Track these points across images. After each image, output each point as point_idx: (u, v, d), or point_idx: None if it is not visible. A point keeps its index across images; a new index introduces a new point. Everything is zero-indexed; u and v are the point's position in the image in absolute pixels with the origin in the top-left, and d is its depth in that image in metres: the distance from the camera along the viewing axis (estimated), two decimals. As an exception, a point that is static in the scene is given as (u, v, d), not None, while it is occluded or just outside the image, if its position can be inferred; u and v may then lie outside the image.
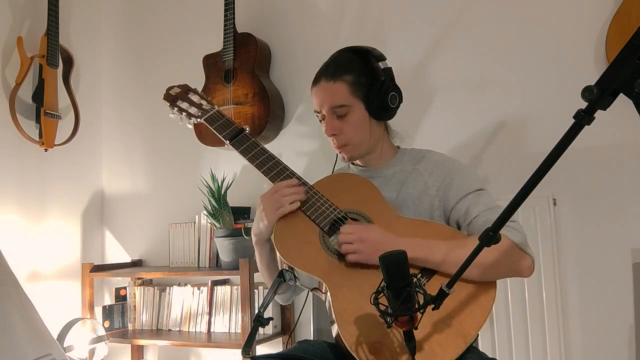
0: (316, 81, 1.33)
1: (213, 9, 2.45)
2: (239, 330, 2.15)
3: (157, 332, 2.37)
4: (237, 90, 2.26)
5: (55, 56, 2.37)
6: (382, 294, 0.91)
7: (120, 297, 2.51)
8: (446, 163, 1.32)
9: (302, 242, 1.20)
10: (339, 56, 1.35)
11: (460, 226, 1.24)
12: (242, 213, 2.27)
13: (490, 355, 1.15)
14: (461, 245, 1.11)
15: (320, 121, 1.36)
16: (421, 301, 0.91)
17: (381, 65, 1.31)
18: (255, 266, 1.47)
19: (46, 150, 2.36)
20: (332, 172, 1.46)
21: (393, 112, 1.34)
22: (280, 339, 2.21)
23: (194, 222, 2.38)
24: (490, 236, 0.88)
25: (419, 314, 0.91)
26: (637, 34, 0.72)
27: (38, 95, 2.34)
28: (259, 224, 1.29)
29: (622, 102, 0.82)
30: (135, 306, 2.46)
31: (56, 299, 2.41)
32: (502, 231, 1.10)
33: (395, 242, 1.14)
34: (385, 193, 1.27)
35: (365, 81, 1.30)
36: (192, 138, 2.34)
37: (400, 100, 1.34)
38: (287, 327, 2.22)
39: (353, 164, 1.44)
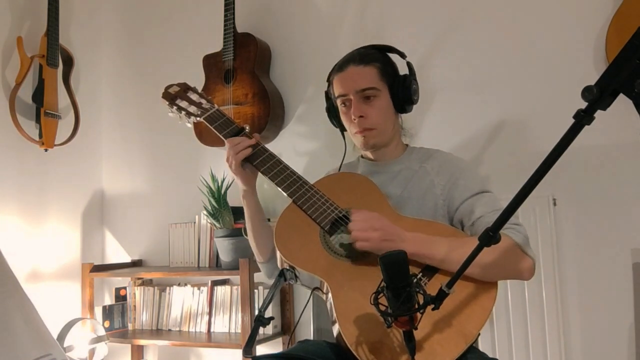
0: (342, 67, 1.36)
1: (213, 9, 2.45)
2: (239, 330, 2.15)
3: (157, 332, 2.37)
4: (237, 90, 2.26)
5: (55, 56, 2.37)
6: (382, 294, 0.91)
7: (120, 297, 2.50)
8: (453, 163, 1.33)
9: (303, 241, 1.20)
10: (362, 49, 1.40)
11: (464, 226, 1.24)
12: (242, 213, 2.25)
13: (490, 355, 1.15)
14: (464, 243, 1.11)
15: (342, 105, 1.37)
16: (421, 301, 0.91)
17: (405, 60, 1.38)
18: (255, 266, 1.47)
19: (46, 150, 2.36)
20: (340, 166, 1.48)
21: (412, 106, 1.38)
22: (280, 339, 2.21)
23: (194, 222, 2.38)
24: (490, 236, 0.88)
25: (418, 314, 0.91)
26: (637, 34, 0.72)
27: (38, 95, 2.34)
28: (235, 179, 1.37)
29: (622, 102, 0.82)
30: (135, 306, 2.46)
31: (56, 299, 2.41)
32: (505, 232, 1.11)
33: (402, 235, 1.14)
34: (390, 189, 1.28)
35: (390, 71, 1.36)
36: (192, 138, 2.34)
37: (418, 97, 1.39)
38: (287, 327, 2.22)
39: (362, 157, 1.45)
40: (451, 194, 1.27)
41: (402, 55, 1.40)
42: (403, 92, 1.34)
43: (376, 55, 1.37)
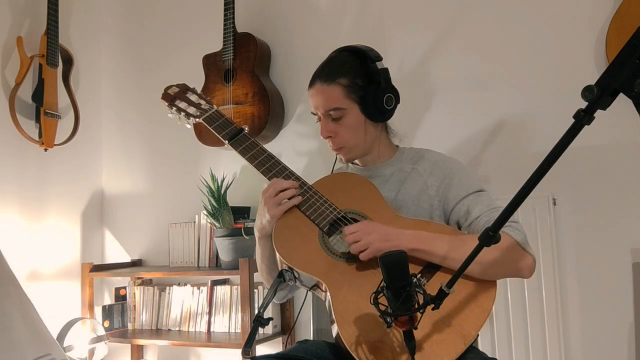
0: (312, 83, 1.33)
1: (213, 9, 2.45)
2: (239, 330, 2.15)
3: (157, 332, 2.37)
4: (237, 90, 2.26)
5: (55, 56, 2.37)
6: (382, 294, 0.91)
7: (120, 297, 2.51)
8: (446, 163, 1.32)
9: (302, 242, 1.20)
10: (335, 57, 1.34)
11: (461, 227, 1.24)
12: (242, 213, 2.27)
13: (490, 355, 1.15)
14: (465, 241, 1.11)
15: (318, 122, 1.36)
16: (421, 301, 0.91)
17: (378, 66, 1.29)
18: (255, 266, 1.47)
19: (46, 150, 2.36)
20: (332, 172, 1.46)
21: (390, 113, 1.33)
22: (280, 339, 2.21)
23: (194, 222, 2.38)
24: (490, 236, 0.88)
25: (419, 314, 0.91)
26: (637, 34, 0.72)
27: (38, 95, 2.34)
28: (262, 220, 1.28)
29: (622, 102, 0.82)
30: (135, 306, 2.46)
31: (56, 299, 2.41)
32: (504, 230, 1.10)
33: (399, 233, 1.14)
34: (385, 193, 1.27)
35: (361, 83, 1.29)
36: (192, 138, 2.34)
37: (397, 102, 1.33)
38: (287, 327, 2.22)
39: (352, 163, 1.44)
40: (446, 195, 1.26)
41: (375, 60, 1.28)
42: (374, 104, 1.28)
43: (345, 68, 1.29)
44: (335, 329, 1.12)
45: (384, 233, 1.13)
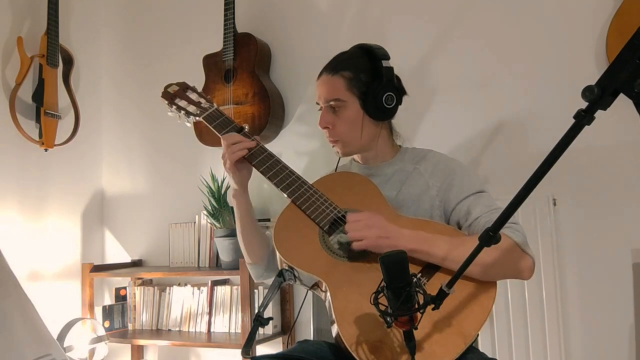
0: (320, 74, 1.36)
1: (213, 9, 2.45)
2: (239, 330, 2.15)
3: (157, 332, 2.37)
4: (237, 90, 2.26)
5: (55, 56, 2.37)
6: (382, 294, 0.91)
7: (120, 297, 2.51)
8: (447, 164, 1.32)
9: (302, 241, 1.20)
10: (345, 52, 1.38)
11: (461, 227, 1.24)
12: (242, 213, 2.26)
13: (490, 355, 1.15)
14: (464, 241, 1.11)
15: (319, 110, 1.37)
16: (421, 301, 0.91)
17: (383, 64, 1.30)
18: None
19: (46, 150, 2.36)
20: (336, 169, 1.46)
21: (389, 112, 1.33)
22: (280, 339, 2.21)
23: (194, 222, 2.38)
24: (490, 236, 0.88)
25: (418, 314, 0.91)
26: (637, 34, 0.72)
27: (38, 95, 2.34)
28: (228, 180, 1.34)
29: (622, 102, 0.82)
30: (135, 306, 2.46)
31: (56, 299, 2.41)
32: (503, 231, 1.10)
33: (399, 233, 1.14)
34: (385, 192, 1.27)
35: (364, 78, 1.30)
36: (192, 138, 2.34)
37: (399, 102, 1.33)
38: (287, 327, 2.22)
39: (354, 160, 1.44)
40: (447, 196, 1.26)
41: (382, 57, 1.30)
42: (374, 101, 1.28)
43: (351, 62, 1.32)
44: (335, 329, 1.12)
45: (385, 230, 1.13)
